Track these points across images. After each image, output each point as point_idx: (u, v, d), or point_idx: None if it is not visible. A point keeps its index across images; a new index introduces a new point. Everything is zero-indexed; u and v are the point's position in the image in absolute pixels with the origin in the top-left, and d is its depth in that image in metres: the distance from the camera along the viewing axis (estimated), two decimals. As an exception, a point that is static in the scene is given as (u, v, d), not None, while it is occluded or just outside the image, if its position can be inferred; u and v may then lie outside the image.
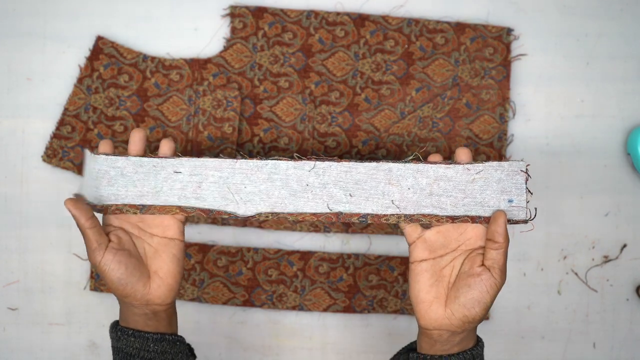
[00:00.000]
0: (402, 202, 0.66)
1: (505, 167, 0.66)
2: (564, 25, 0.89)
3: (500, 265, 0.64)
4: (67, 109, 0.86)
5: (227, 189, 0.68)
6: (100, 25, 0.88)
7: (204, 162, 0.68)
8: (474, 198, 0.66)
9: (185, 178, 0.68)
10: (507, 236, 0.64)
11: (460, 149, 0.67)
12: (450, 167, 0.66)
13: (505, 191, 0.66)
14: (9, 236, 0.87)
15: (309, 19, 0.87)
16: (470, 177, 0.66)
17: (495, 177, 0.66)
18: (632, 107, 0.89)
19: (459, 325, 0.64)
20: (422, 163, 0.66)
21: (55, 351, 0.87)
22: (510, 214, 0.66)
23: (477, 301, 0.63)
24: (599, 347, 0.88)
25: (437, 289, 0.65)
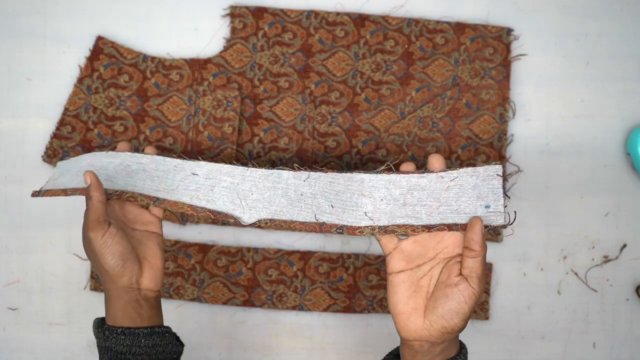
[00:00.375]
0: (376, 213, 0.65)
1: (481, 172, 0.64)
2: (564, 25, 0.89)
3: (478, 274, 0.62)
4: (67, 109, 0.86)
5: (236, 195, 0.70)
6: (100, 25, 0.88)
7: (220, 168, 0.71)
8: (450, 206, 0.64)
9: (200, 180, 0.71)
10: (484, 244, 0.62)
11: (432, 156, 0.65)
12: (424, 176, 0.64)
13: (481, 197, 0.63)
14: (9, 236, 0.87)
15: (309, 19, 0.87)
16: (445, 184, 0.64)
17: (470, 184, 0.64)
18: (632, 107, 0.89)
19: (439, 336, 0.63)
20: (394, 173, 0.64)
21: (55, 351, 0.87)
22: (487, 219, 0.63)
23: (455, 312, 0.62)
24: (598, 347, 0.88)
25: (415, 300, 0.64)
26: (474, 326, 0.87)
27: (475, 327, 0.87)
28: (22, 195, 0.87)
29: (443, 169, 0.64)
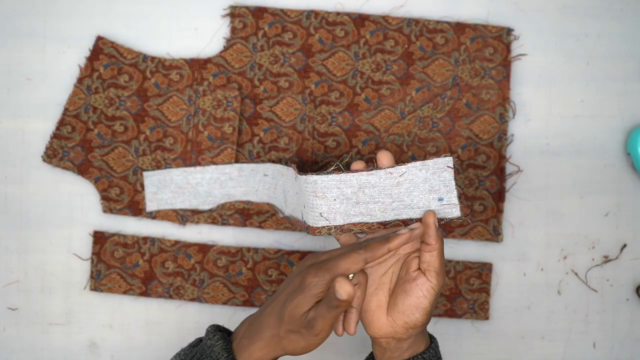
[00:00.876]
0: (330, 213, 0.65)
1: (430, 165, 0.63)
2: (564, 25, 0.89)
3: (435, 267, 0.62)
4: (67, 109, 0.86)
5: (282, 192, 0.77)
6: (100, 25, 0.88)
7: (278, 168, 0.78)
8: (402, 201, 0.64)
9: (270, 180, 0.80)
10: (439, 237, 0.62)
11: (380, 153, 0.64)
12: (372, 174, 0.64)
13: (433, 190, 0.63)
14: (9, 236, 0.87)
15: (309, 19, 0.87)
16: (394, 180, 0.64)
17: (420, 177, 0.63)
18: (632, 107, 0.89)
19: (403, 332, 0.63)
20: (343, 173, 0.64)
21: (55, 351, 0.87)
22: (442, 212, 0.63)
23: (414, 307, 0.62)
24: (599, 347, 0.88)
25: (377, 297, 0.64)
26: (474, 326, 0.87)
27: (475, 327, 0.87)
28: (22, 195, 0.87)
29: (391, 165, 0.64)
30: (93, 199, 0.87)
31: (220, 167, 0.84)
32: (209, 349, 0.63)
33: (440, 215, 0.63)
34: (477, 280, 0.86)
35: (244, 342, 0.62)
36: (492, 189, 0.87)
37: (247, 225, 0.86)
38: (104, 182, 0.86)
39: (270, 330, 0.61)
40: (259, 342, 0.61)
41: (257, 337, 0.61)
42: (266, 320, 0.62)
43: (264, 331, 0.61)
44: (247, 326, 0.63)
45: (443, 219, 0.63)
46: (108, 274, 0.86)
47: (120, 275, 0.86)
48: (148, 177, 0.85)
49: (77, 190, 0.87)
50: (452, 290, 0.86)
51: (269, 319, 0.61)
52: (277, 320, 0.60)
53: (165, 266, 0.86)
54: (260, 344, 0.61)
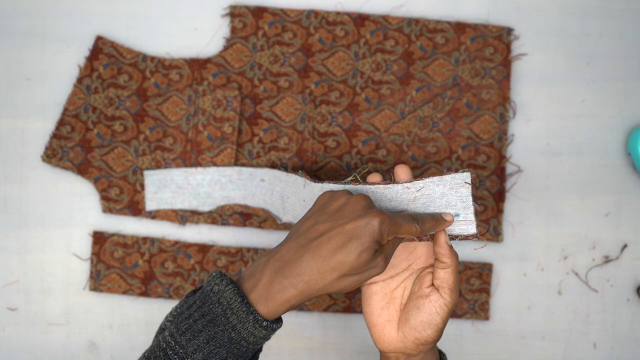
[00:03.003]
0: None
1: (448, 180, 0.61)
2: (564, 25, 0.89)
3: (450, 284, 0.61)
4: (66, 109, 0.86)
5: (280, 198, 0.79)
6: (100, 25, 0.88)
7: (275, 174, 0.80)
8: None
9: (266, 185, 0.81)
10: (452, 254, 0.61)
11: (398, 167, 0.63)
12: (389, 187, 0.63)
13: (450, 206, 0.61)
14: (9, 236, 0.87)
15: (309, 19, 0.87)
16: (411, 195, 0.62)
17: (437, 193, 0.62)
18: (633, 107, 0.89)
19: (413, 348, 0.62)
20: (360, 185, 0.63)
21: (55, 351, 0.87)
22: (458, 229, 0.61)
23: (427, 323, 0.61)
24: (599, 347, 0.88)
25: (388, 312, 0.63)
26: (474, 326, 0.87)
27: (475, 327, 0.87)
28: (21, 195, 0.87)
29: (409, 180, 0.63)
30: (92, 199, 0.87)
31: (221, 169, 0.84)
32: (215, 295, 0.56)
33: (455, 232, 0.62)
34: (477, 281, 0.86)
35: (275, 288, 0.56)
36: (492, 189, 0.86)
37: (247, 225, 0.86)
38: (103, 182, 0.86)
39: (312, 275, 0.56)
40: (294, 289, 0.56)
41: (293, 282, 0.56)
42: (307, 266, 0.56)
43: (303, 276, 0.56)
44: (272, 272, 0.57)
45: (458, 235, 0.62)
46: (108, 274, 0.86)
47: (120, 276, 0.86)
48: (149, 176, 0.85)
49: (77, 190, 0.87)
50: (452, 290, 0.86)
51: (310, 264, 0.56)
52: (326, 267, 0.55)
53: (165, 266, 0.86)
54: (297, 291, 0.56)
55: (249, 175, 0.84)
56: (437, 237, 0.61)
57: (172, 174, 0.85)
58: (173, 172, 0.85)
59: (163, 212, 0.86)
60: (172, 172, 0.85)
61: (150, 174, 0.85)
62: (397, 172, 0.63)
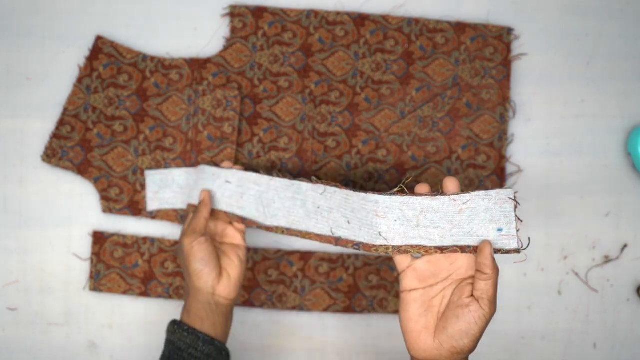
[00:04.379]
0: (390, 233, 0.65)
1: (493, 195, 0.63)
2: (564, 25, 0.89)
3: (489, 296, 0.62)
4: (66, 109, 0.86)
5: (260, 202, 0.76)
6: (100, 25, 0.88)
7: (249, 176, 0.77)
8: (462, 228, 0.64)
9: (233, 188, 0.78)
10: (495, 266, 0.62)
11: (448, 179, 0.65)
12: (436, 199, 0.64)
13: (494, 220, 0.64)
14: (9, 236, 0.87)
15: (309, 19, 0.87)
16: (457, 207, 0.64)
17: (482, 207, 0.64)
18: (633, 107, 0.89)
19: (448, 356, 0.63)
20: (407, 196, 0.65)
21: (55, 351, 0.87)
22: (500, 243, 0.64)
23: (465, 333, 0.62)
24: (599, 347, 0.88)
25: (426, 319, 0.64)
26: (475, 326, 0.87)
27: (475, 328, 0.87)
28: (21, 195, 0.87)
29: (456, 192, 0.64)
30: (93, 199, 0.87)
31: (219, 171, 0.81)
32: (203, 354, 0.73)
33: (498, 246, 0.64)
34: (477, 281, 0.86)
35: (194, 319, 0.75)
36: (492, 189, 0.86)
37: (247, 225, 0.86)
38: (103, 182, 0.86)
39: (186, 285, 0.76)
40: None
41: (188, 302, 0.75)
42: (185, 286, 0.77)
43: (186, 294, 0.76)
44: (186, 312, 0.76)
45: (500, 249, 0.64)
46: (108, 274, 0.86)
47: (120, 276, 0.86)
48: (150, 176, 0.85)
49: (77, 190, 0.87)
50: (452, 290, 0.86)
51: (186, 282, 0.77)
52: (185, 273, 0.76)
53: (165, 266, 0.86)
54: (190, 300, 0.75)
55: (212, 175, 0.80)
56: (482, 248, 0.62)
57: (174, 174, 0.85)
58: (174, 172, 0.85)
59: (163, 212, 0.86)
60: (173, 172, 0.85)
61: (151, 173, 0.85)
62: (446, 184, 0.65)
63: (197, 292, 0.74)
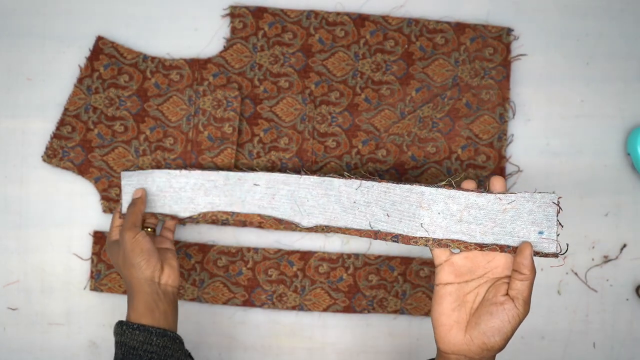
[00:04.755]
0: (431, 226, 0.66)
1: (538, 198, 0.65)
2: (564, 25, 0.89)
3: (524, 296, 0.63)
4: (67, 109, 0.86)
5: (294, 202, 0.76)
6: (100, 25, 0.88)
7: (277, 177, 0.77)
8: (504, 228, 0.65)
9: (262, 190, 0.78)
10: (533, 268, 0.63)
11: (495, 178, 0.66)
12: (482, 196, 0.65)
13: (536, 223, 0.65)
14: (9, 236, 0.87)
15: (309, 19, 0.87)
16: (502, 206, 0.65)
17: (526, 208, 0.65)
18: (632, 107, 0.89)
19: (477, 352, 0.63)
20: (454, 189, 0.66)
21: (55, 351, 0.87)
22: (540, 246, 0.65)
23: (497, 330, 0.62)
24: (599, 347, 0.88)
25: (458, 314, 0.65)
26: (474, 326, 0.87)
27: (475, 327, 0.87)
28: (22, 195, 0.87)
29: (502, 191, 0.65)
30: (93, 199, 0.87)
31: (205, 174, 0.81)
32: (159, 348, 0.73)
33: (537, 249, 0.65)
34: (477, 280, 0.86)
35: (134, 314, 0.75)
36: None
37: (247, 225, 0.86)
38: (104, 182, 0.86)
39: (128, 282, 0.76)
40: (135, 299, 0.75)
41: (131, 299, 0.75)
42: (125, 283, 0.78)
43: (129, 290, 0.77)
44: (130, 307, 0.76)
45: (539, 252, 0.65)
46: (108, 274, 0.86)
47: (120, 275, 0.86)
48: (125, 178, 0.82)
49: (77, 190, 0.87)
50: (452, 290, 0.86)
51: None
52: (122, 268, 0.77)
53: (165, 266, 0.86)
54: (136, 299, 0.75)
55: (238, 180, 0.80)
56: (523, 248, 0.63)
57: (153, 176, 0.81)
58: (154, 174, 0.82)
59: None
60: (154, 173, 0.82)
61: (127, 175, 0.83)
62: (493, 182, 0.66)
63: (142, 283, 0.75)
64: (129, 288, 0.76)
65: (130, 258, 0.75)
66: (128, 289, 0.76)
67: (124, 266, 0.76)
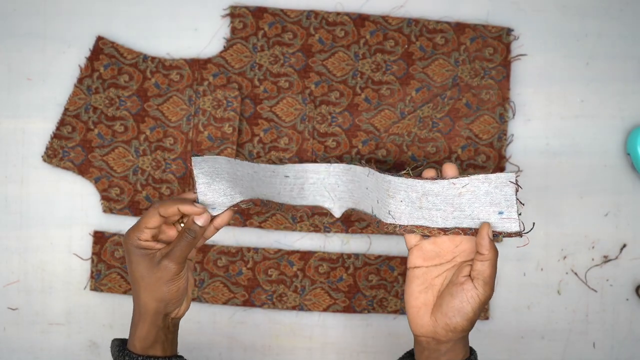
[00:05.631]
0: (397, 213, 0.67)
1: (493, 179, 0.64)
2: (564, 25, 0.89)
3: (484, 277, 0.63)
4: (67, 109, 0.86)
5: (324, 188, 0.78)
6: (100, 25, 0.88)
7: (305, 167, 0.79)
8: (463, 211, 0.65)
9: (292, 181, 0.79)
10: (492, 247, 0.63)
11: (446, 165, 0.66)
12: (436, 182, 0.66)
13: (494, 203, 0.64)
14: (9, 236, 0.87)
15: (309, 19, 0.87)
16: (457, 191, 0.65)
17: (482, 190, 0.64)
18: (632, 107, 0.89)
19: (443, 334, 0.64)
20: (410, 178, 0.66)
21: (55, 351, 0.87)
22: (502, 226, 0.64)
23: (457, 310, 0.63)
24: (598, 347, 0.88)
25: (425, 296, 0.66)
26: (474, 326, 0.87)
27: (475, 327, 0.87)
28: (22, 195, 0.87)
29: (455, 176, 0.66)
30: (93, 199, 0.87)
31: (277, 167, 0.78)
32: None
33: (499, 229, 0.65)
34: (477, 280, 0.86)
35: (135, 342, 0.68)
36: None
37: (247, 225, 0.86)
38: (104, 182, 0.86)
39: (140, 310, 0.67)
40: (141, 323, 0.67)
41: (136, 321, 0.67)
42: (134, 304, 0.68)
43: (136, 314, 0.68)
44: None
45: (502, 232, 0.65)
46: (108, 274, 0.86)
47: (120, 275, 0.86)
48: (197, 164, 0.69)
49: (77, 190, 0.87)
50: (452, 290, 0.86)
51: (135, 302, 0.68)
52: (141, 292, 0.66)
53: (166, 266, 0.86)
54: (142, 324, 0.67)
55: (272, 173, 0.77)
56: (481, 229, 0.64)
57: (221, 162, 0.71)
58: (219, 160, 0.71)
59: None
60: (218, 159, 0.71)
61: (198, 161, 0.69)
62: (444, 168, 0.67)
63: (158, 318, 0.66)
64: (139, 313, 0.67)
65: (162, 292, 0.65)
66: (137, 312, 0.67)
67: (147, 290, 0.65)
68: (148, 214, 0.66)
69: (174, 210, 0.65)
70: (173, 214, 0.66)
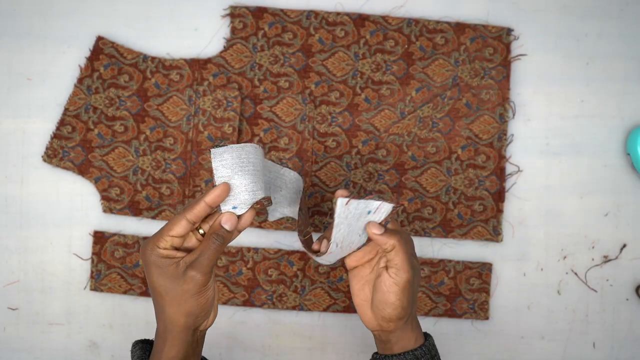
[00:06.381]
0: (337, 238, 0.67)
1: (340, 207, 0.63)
2: (564, 25, 0.89)
3: (396, 264, 0.66)
4: (67, 109, 0.86)
5: None
6: (100, 25, 0.88)
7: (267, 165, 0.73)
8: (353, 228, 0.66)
9: None
10: (389, 237, 0.65)
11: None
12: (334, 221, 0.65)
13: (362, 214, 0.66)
14: (9, 236, 0.87)
15: (309, 19, 0.87)
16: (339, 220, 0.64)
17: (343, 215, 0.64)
18: (632, 107, 0.89)
19: (385, 325, 0.67)
20: None
21: (55, 351, 0.87)
22: (377, 217, 0.66)
23: (383, 302, 0.67)
24: (598, 347, 0.88)
25: (364, 293, 0.70)
26: (474, 326, 0.87)
27: (474, 327, 0.87)
28: (22, 195, 0.87)
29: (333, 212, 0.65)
30: (93, 199, 0.87)
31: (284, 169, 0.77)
32: None
33: (380, 219, 0.66)
34: (477, 280, 0.87)
35: None
36: (492, 189, 0.87)
37: (247, 225, 0.86)
38: (104, 182, 0.86)
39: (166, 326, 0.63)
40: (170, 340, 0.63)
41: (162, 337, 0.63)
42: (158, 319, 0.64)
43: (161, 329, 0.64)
44: None
45: (382, 221, 0.67)
46: (108, 274, 0.86)
47: (121, 275, 0.86)
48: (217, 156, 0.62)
49: (77, 190, 0.87)
50: (452, 290, 0.86)
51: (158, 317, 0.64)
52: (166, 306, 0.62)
53: (166, 266, 0.86)
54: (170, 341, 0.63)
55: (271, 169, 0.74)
56: (367, 230, 0.66)
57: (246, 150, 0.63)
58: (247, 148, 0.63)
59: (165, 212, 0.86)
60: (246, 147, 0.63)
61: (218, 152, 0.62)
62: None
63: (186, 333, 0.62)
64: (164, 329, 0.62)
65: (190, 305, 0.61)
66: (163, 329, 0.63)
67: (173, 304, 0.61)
68: (173, 221, 0.61)
69: (201, 208, 0.61)
70: (202, 214, 0.61)
